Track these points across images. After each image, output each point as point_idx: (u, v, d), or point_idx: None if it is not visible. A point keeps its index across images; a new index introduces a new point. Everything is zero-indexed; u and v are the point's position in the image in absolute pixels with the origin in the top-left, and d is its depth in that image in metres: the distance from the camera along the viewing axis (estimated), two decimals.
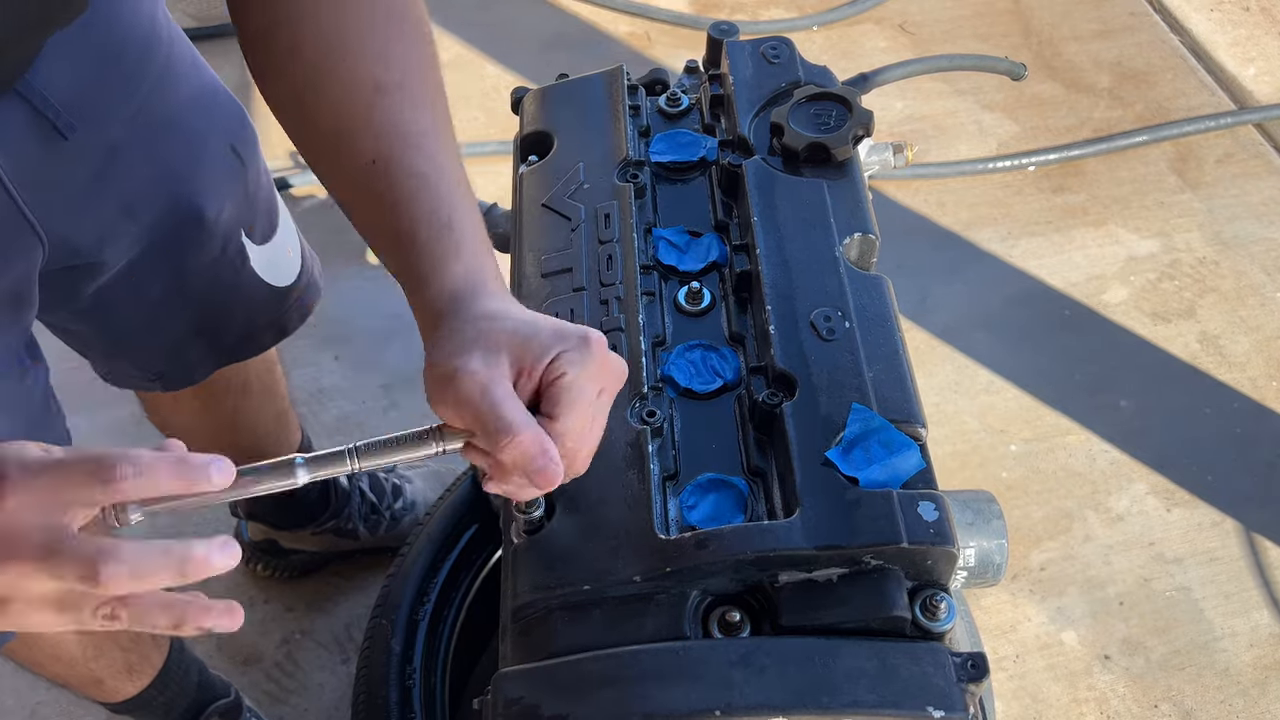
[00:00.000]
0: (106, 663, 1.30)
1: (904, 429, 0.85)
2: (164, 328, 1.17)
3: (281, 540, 1.70)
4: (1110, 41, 2.64)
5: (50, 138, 0.91)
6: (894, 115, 2.46)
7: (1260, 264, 2.21)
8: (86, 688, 1.34)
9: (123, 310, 1.11)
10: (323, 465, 0.72)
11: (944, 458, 1.91)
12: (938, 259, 2.21)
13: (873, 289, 0.95)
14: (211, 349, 1.24)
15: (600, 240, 1.01)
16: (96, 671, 1.30)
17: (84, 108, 0.92)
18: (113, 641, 1.29)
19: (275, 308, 1.25)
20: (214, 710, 1.47)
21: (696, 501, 0.85)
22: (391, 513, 1.71)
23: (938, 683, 0.75)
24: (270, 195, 1.21)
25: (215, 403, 1.37)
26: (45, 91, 0.88)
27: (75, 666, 1.27)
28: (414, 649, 1.36)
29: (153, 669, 1.38)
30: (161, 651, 1.39)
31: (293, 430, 1.56)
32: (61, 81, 0.89)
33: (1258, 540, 1.83)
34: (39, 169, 0.91)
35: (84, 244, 0.99)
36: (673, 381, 0.93)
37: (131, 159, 1.00)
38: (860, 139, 1.03)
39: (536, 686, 0.77)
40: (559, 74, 1.20)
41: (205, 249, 1.12)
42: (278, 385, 1.48)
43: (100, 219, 1.00)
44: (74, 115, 0.91)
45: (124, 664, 1.33)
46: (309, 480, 0.71)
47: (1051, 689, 1.68)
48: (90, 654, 1.27)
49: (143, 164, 1.01)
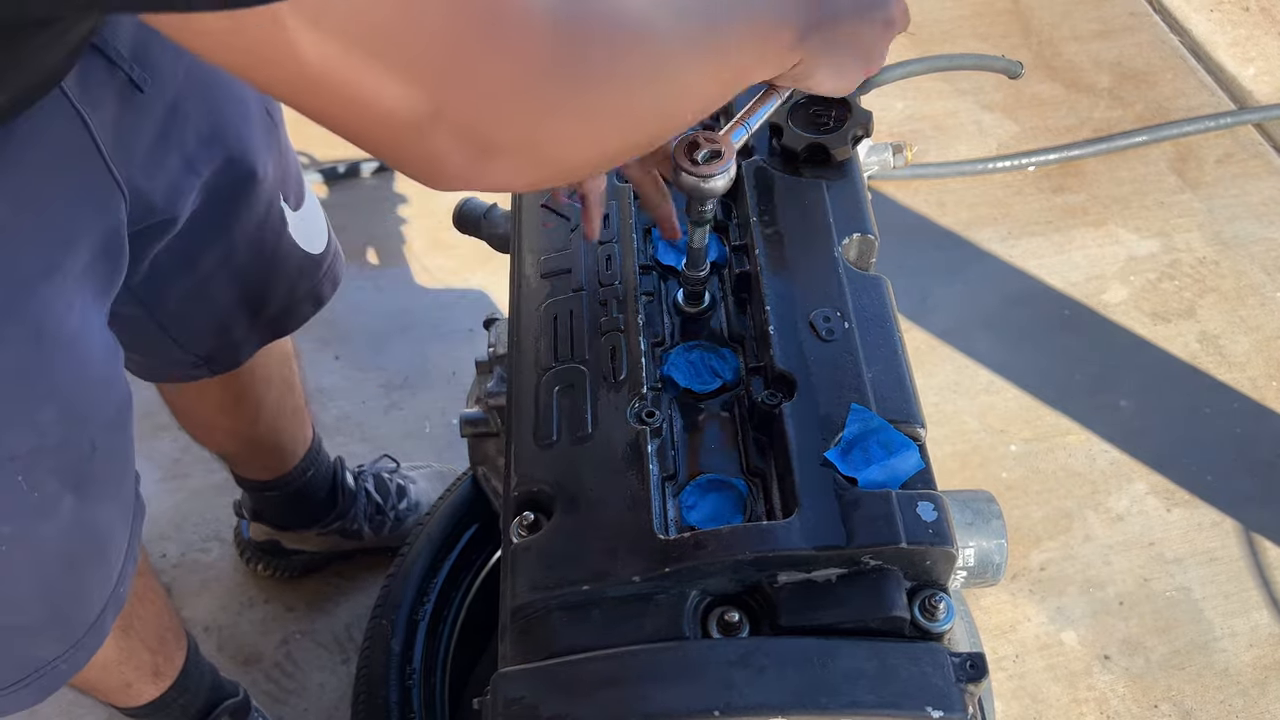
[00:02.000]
0: (135, 665, 1.30)
1: (903, 429, 0.85)
2: (213, 299, 1.17)
3: (284, 541, 1.70)
4: (1110, 41, 2.64)
5: (126, 91, 0.90)
6: (894, 115, 2.46)
7: (1260, 264, 2.21)
8: (113, 694, 1.34)
9: (175, 281, 1.11)
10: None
11: (944, 458, 1.91)
12: (937, 259, 2.21)
13: (872, 289, 0.95)
14: (255, 323, 1.24)
15: (599, 240, 1.01)
16: (126, 675, 1.30)
17: (147, 62, 0.92)
18: (142, 644, 1.29)
19: (311, 275, 1.26)
20: (224, 709, 1.47)
21: (696, 502, 0.86)
22: (396, 513, 1.71)
23: (937, 683, 0.75)
24: (297, 163, 1.23)
25: (242, 395, 1.38)
26: (116, 44, 0.88)
27: (108, 671, 1.27)
28: (414, 649, 1.36)
29: (174, 670, 1.38)
30: (183, 651, 1.39)
31: (307, 427, 1.57)
32: (126, 35, 0.89)
33: (1257, 540, 1.83)
34: (118, 124, 0.91)
35: (157, 200, 0.99)
36: (672, 382, 0.93)
37: (189, 115, 1.00)
38: (859, 139, 1.03)
39: (536, 686, 0.77)
40: None
41: (253, 210, 1.13)
42: (296, 380, 1.49)
43: (168, 174, 1.00)
44: (143, 68, 0.91)
45: (151, 666, 1.33)
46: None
47: (1051, 689, 1.68)
48: (124, 657, 1.27)
49: (200, 120, 1.02)
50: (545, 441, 0.89)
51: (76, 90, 0.84)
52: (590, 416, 0.89)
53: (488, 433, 1.27)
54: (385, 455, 1.79)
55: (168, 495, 1.85)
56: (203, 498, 1.85)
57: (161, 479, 1.87)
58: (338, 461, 1.66)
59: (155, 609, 1.30)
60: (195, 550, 1.80)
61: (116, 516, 1.02)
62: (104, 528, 1.01)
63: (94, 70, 0.87)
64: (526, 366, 0.95)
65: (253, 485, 1.60)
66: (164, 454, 1.89)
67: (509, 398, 0.96)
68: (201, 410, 1.42)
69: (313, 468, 1.59)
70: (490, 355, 1.20)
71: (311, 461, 1.58)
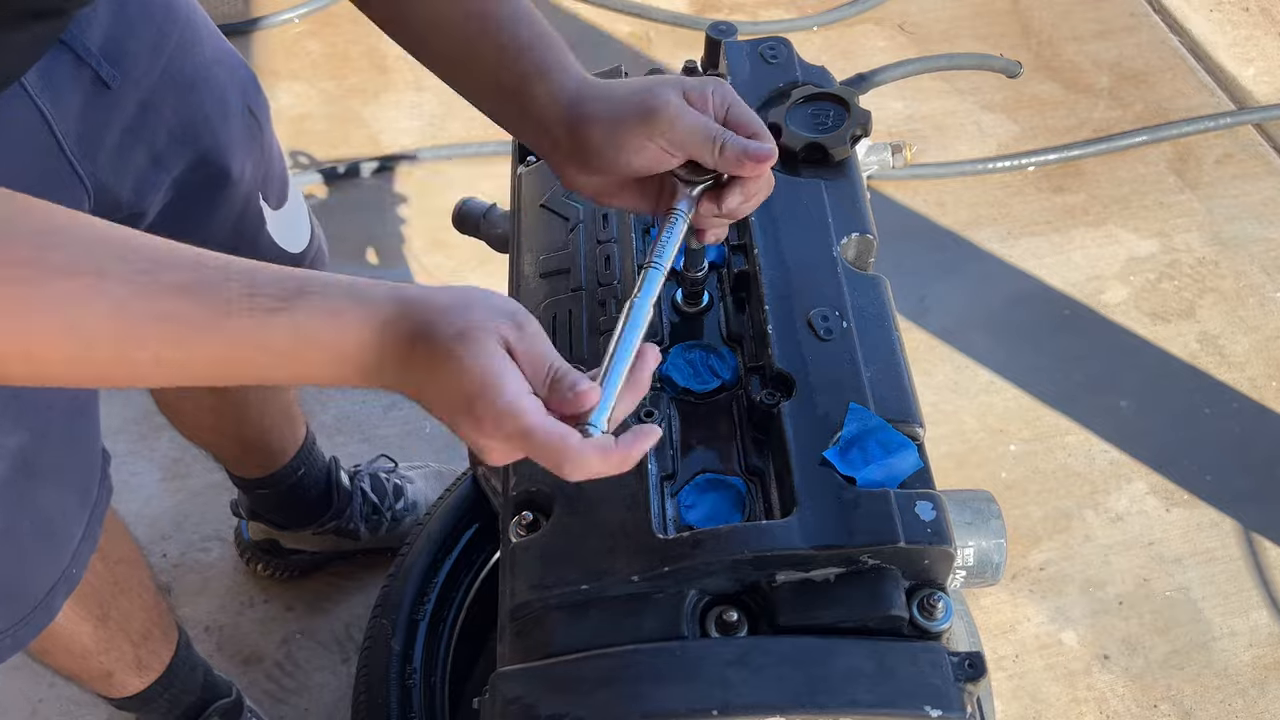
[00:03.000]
0: (117, 656, 1.30)
1: (902, 429, 0.85)
2: None
3: (283, 540, 1.70)
4: (1110, 42, 2.64)
5: (94, 88, 0.91)
6: (893, 115, 2.46)
7: (1260, 264, 2.21)
8: (94, 682, 1.34)
9: None
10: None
11: (943, 458, 1.92)
12: (937, 259, 2.21)
13: (870, 289, 0.95)
14: None
15: (598, 240, 1.01)
16: (107, 665, 1.30)
17: (120, 59, 0.92)
18: (125, 636, 1.29)
19: None
20: (216, 709, 1.47)
21: (694, 501, 0.86)
22: (393, 513, 1.71)
23: (935, 682, 0.75)
24: (282, 163, 1.23)
25: (225, 394, 1.38)
26: (86, 41, 0.89)
27: (87, 660, 1.28)
28: (414, 649, 1.36)
29: (161, 665, 1.38)
30: (170, 647, 1.39)
31: (299, 426, 1.57)
32: (98, 32, 0.90)
33: (1257, 540, 1.83)
34: (82, 119, 0.91)
35: (124, 196, 1.00)
36: (671, 381, 0.93)
37: (161, 112, 1.00)
38: (858, 139, 1.03)
39: (535, 686, 0.77)
40: None
41: (228, 207, 1.13)
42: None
43: (136, 170, 1.00)
44: (113, 66, 0.91)
45: (134, 659, 1.33)
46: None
47: (1051, 689, 1.68)
48: (103, 647, 1.27)
49: (171, 117, 1.02)
50: None
51: (37, 84, 0.85)
52: None
53: None
54: (383, 455, 1.79)
55: (168, 495, 1.85)
56: (203, 498, 1.85)
57: (162, 479, 1.87)
58: (332, 461, 1.66)
59: (141, 602, 1.30)
60: (195, 550, 1.80)
61: (71, 499, 1.03)
62: (53, 509, 1.01)
63: (60, 65, 0.87)
64: None
65: (246, 483, 1.60)
66: (164, 454, 1.89)
67: None
68: (187, 409, 1.42)
69: (304, 466, 1.58)
70: None
71: (304, 460, 1.58)
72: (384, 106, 2.46)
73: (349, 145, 2.38)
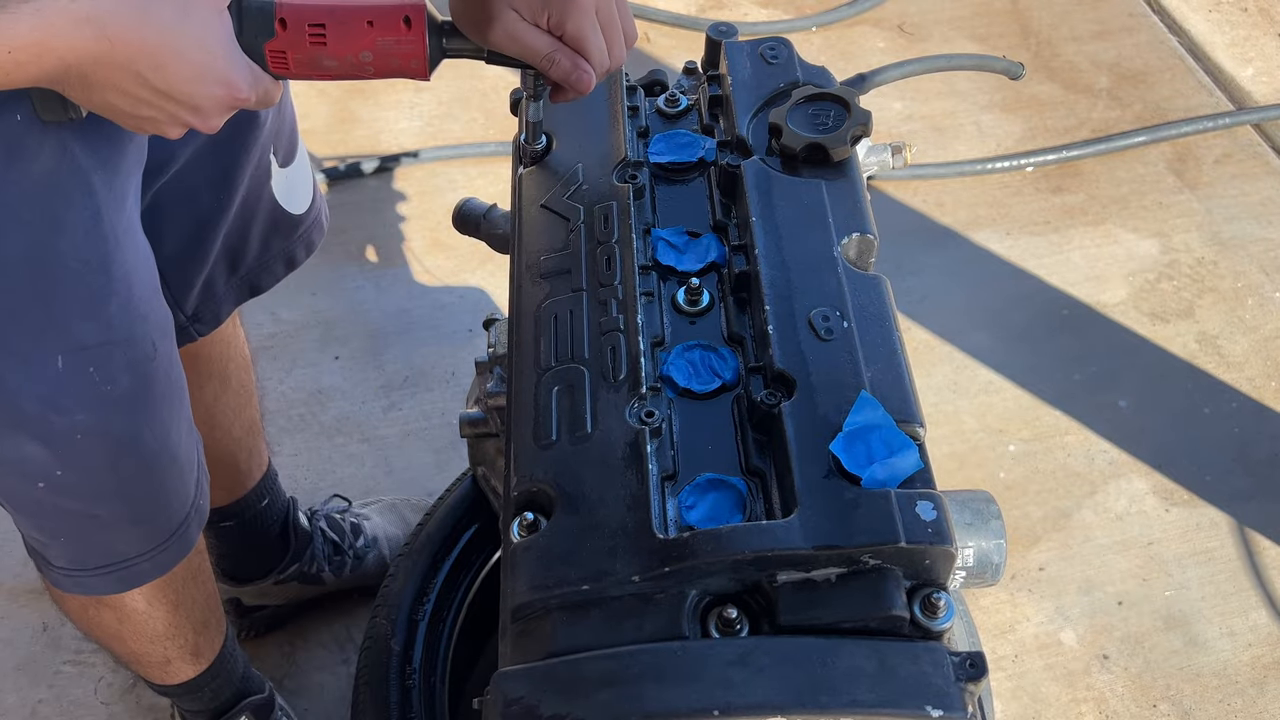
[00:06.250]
0: (180, 643, 1.32)
1: (902, 428, 0.85)
2: (205, 245, 1.19)
3: (244, 597, 1.66)
4: (1109, 42, 2.65)
5: None
6: (893, 115, 2.46)
7: (1259, 264, 2.22)
8: (151, 668, 1.35)
9: (176, 219, 1.14)
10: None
11: (943, 458, 1.92)
12: (936, 259, 2.21)
13: (871, 289, 0.95)
14: (233, 279, 1.26)
15: (599, 241, 1.01)
16: (170, 651, 1.32)
17: None
18: (190, 623, 1.30)
19: (287, 235, 1.28)
20: (249, 704, 1.47)
21: (695, 501, 0.86)
22: (354, 551, 1.68)
23: (936, 682, 0.76)
24: (293, 121, 1.25)
25: (199, 384, 1.37)
26: None
27: (155, 644, 1.29)
28: (414, 649, 1.36)
29: (213, 654, 1.39)
30: (221, 637, 1.40)
31: (263, 447, 1.56)
32: None
33: (1256, 540, 1.83)
34: None
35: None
36: (671, 382, 0.93)
37: None
38: (858, 139, 1.04)
39: (536, 686, 0.77)
40: None
41: (250, 153, 1.15)
42: (252, 394, 1.49)
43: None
44: None
45: (193, 646, 1.34)
46: None
47: (1050, 689, 1.68)
48: (171, 633, 1.29)
49: None
50: (545, 442, 0.89)
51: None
52: (590, 417, 0.89)
53: (487, 433, 1.27)
54: (336, 495, 1.77)
55: None
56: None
57: None
58: (291, 501, 1.64)
59: (205, 591, 1.32)
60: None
61: (184, 429, 1.09)
62: (174, 435, 1.07)
63: None
64: (526, 367, 0.96)
65: (211, 515, 1.58)
66: None
67: (509, 398, 0.97)
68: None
69: (269, 495, 1.57)
70: (490, 355, 1.20)
71: (267, 489, 1.56)
72: (384, 106, 2.46)
73: (349, 145, 2.38)
